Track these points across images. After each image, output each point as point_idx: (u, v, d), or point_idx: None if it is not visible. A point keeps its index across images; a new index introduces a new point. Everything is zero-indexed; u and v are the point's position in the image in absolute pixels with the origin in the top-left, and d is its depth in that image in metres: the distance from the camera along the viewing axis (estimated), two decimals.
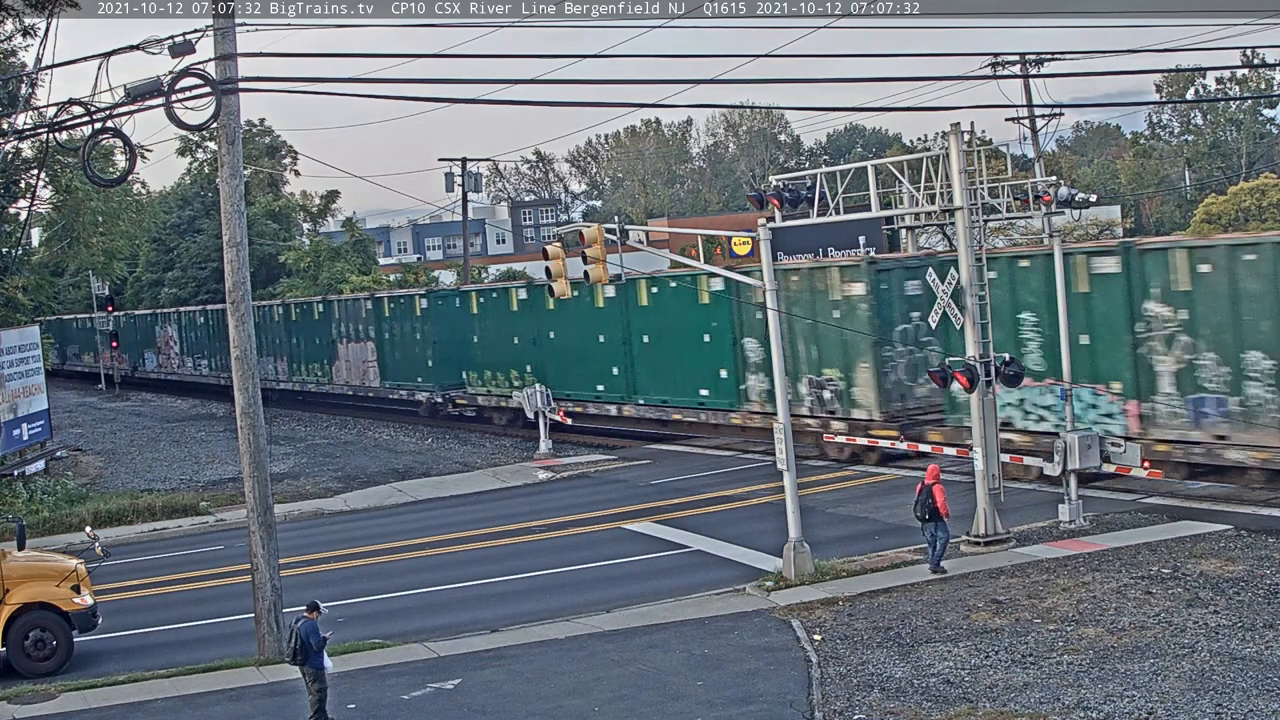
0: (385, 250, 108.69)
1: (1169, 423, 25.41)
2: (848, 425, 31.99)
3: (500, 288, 46.05)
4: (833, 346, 32.04)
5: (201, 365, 64.78)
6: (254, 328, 20.81)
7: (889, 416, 31.03)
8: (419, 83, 21.39)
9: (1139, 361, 25.78)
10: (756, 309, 32.06)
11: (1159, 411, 25.62)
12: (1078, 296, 26.48)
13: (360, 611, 22.40)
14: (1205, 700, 14.73)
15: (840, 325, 31.51)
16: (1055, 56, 47.82)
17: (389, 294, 52.49)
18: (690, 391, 36.36)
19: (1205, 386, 24.70)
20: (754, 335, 33.91)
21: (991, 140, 65.94)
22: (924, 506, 21.42)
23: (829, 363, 32.36)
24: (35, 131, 26.91)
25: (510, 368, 43.61)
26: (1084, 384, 26.27)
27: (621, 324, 38.55)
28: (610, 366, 39.26)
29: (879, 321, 31.13)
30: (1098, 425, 26.12)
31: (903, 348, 31.54)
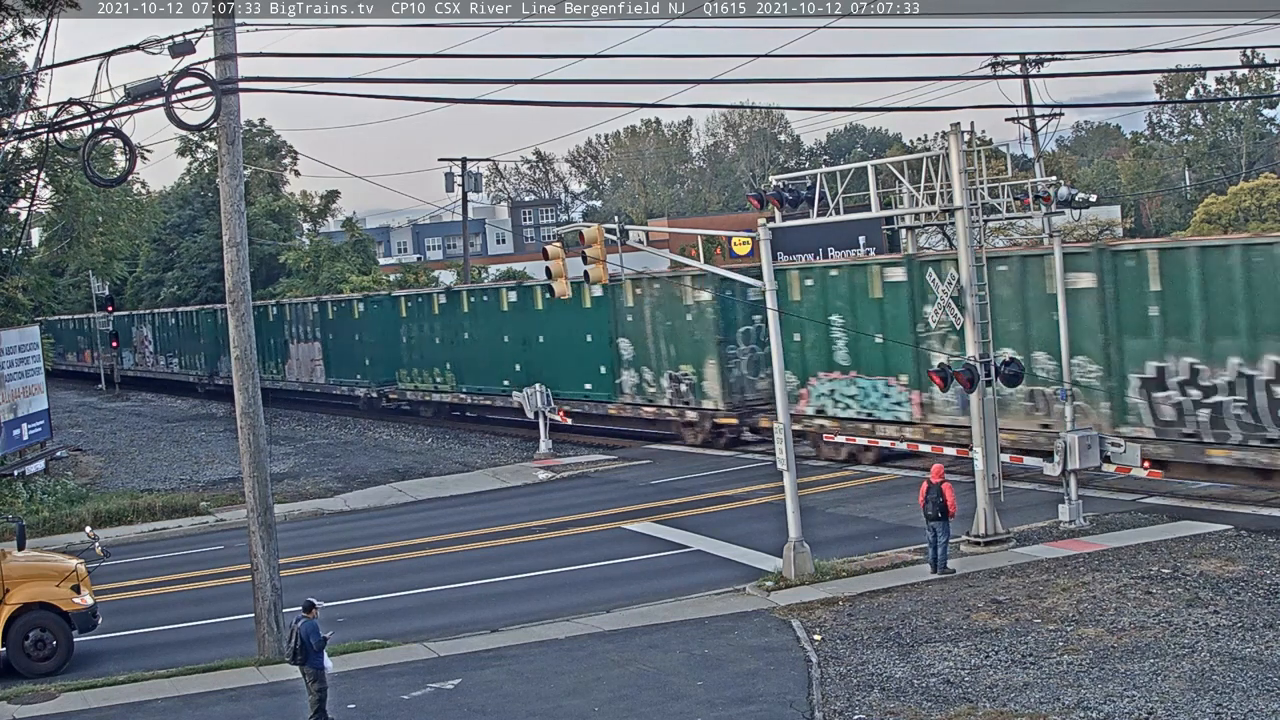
0: (385, 250, 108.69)
1: (943, 410, 29.61)
2: (699, 414, 36.63)
3: (424, 294, 50.15)
4: (687, 345, 36.77)
5: (173, 363, 68.93)
6: (253, 328, 20.80)
7: (731, 406, 35.54)
8: (419, 83, 21.41)
9: (920, 357, 29.33)
10: (627, 313, 38.38)
11: (935, 400, 29.62)
12: (874, 301, 31.02)
13: (360, 611, 22.41)
14: (1205, 700, 14.73)
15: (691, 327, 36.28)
16: (1055, 56, 47.83)
17: (332, 299, 56.37)
18: (578, 385, 40.95)
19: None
20: (627, 336, 38.92)
21: (991, 140, 65.98)
22: (934, 505, 21.40)
23: (684, 359, 37.04)
24: (35, 131, 26.92)
25: (433, 365, 48.30)
26: (880, 376, 31.05)
27: (522, 327, 43.34)
28: (514, 364, 43.61)
29: (724, 324, 35.50)
30: (889, 412, 30.95)
31: (745, 347, 35.81)
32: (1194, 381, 24.85)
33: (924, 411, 30.05)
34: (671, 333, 37.23)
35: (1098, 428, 25.61)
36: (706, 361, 36.10)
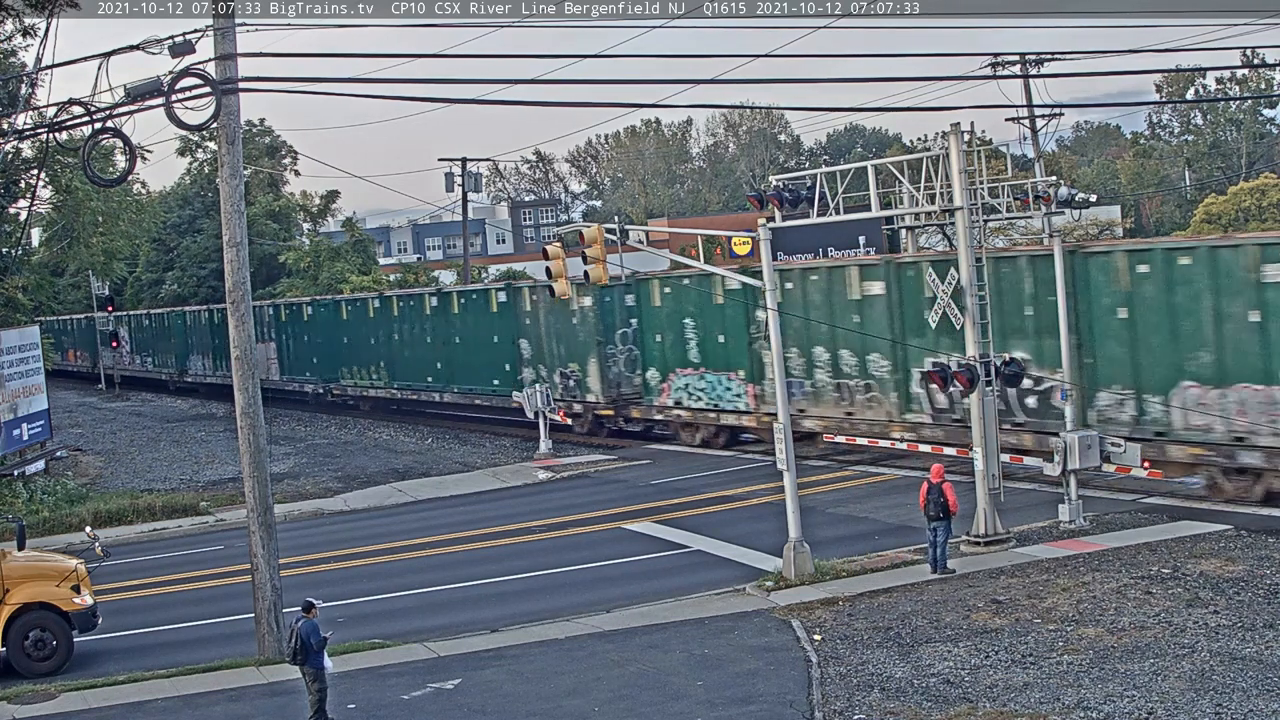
0: (385, 250, 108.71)
1: (771, 401, 30.55)
2: (583, 406, 40.82)
3: (361, 299, 54.32)
4: (574, 345, 40.89)
5: (147, 361, 72.90)
6: (253, 328, 20.81)
7: (610, 399, 39.93)
8: (419, 83, 21.41)
9: (753, 355, 34.31)
10: (526, 316, 42.83)
11: (766, 392, 33.92)
12: (718, 307, 35.75)
13: (360, 611, 22.41)
14: (1205, 700, 14.73)
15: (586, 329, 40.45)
16: (1055, 56, 47.80)
17: (284, 302, 60.89)
18: (488, 381, 45.23)
19: (793, 373, 32.47)
20: (526, 337, 43.28)
21: (991, 140, 65.97)
22: (936, 504, 21.40)
23: (572, 358, 41.14)
24: (35, 131, 26.89)
25: (370, 364, 52.56)
26: (723, 372, 35.91)
27: (442, 329, 47.85)
28: (436, 362, 48.09)
29: (604, 327, 39.87)
30: (730, 402, 35.86)
31: (622, 347, 39.99)
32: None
33: (758, 402, 34.93)
34: (561, 334, 41.37)
35: (888, 415, 31.01)
36: (589, 360, 40.32)
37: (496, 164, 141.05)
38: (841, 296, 32.07)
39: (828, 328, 32.11)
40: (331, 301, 56.17)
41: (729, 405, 35.86)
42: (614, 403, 39.98)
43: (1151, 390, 25.76)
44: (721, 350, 35.83)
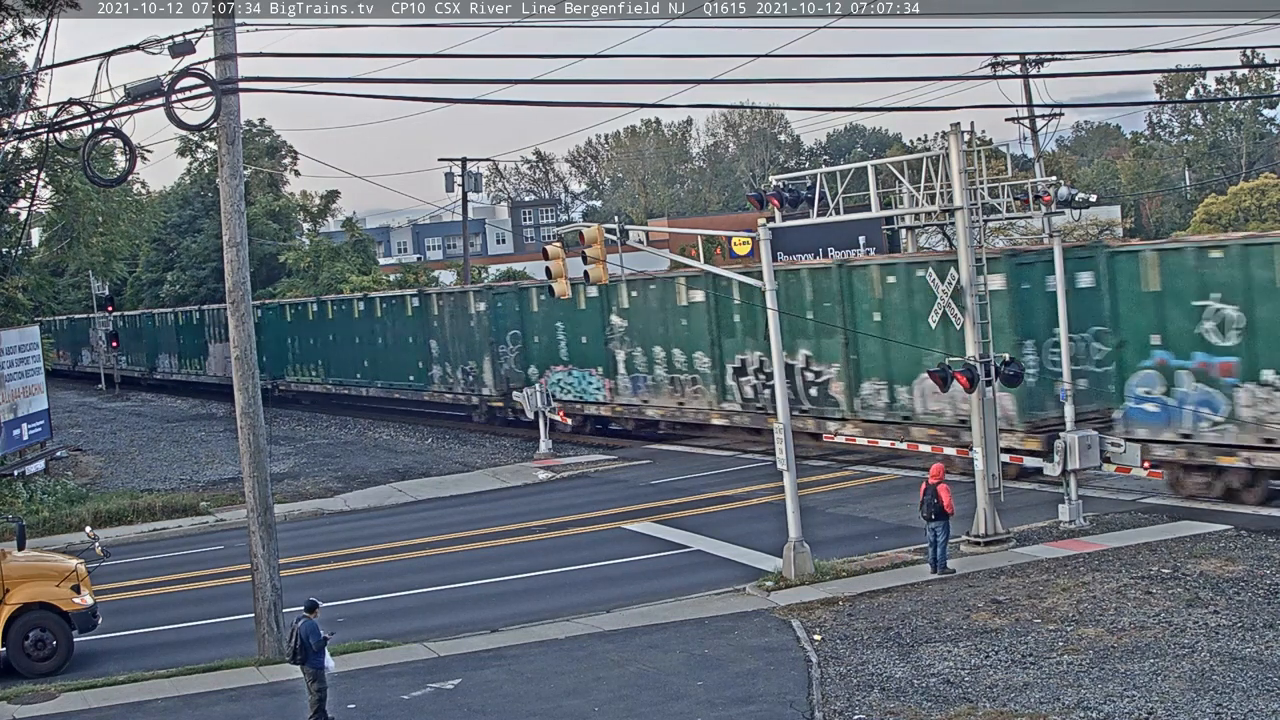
0: (385, 250, 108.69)
1: (623, 393, 39.55)
2: (480, 399, 45.63)
3: (302, 303, 59.26)
4: (472, 345, 45.71)
5: (121, 360, 75.28)
6: (252, 329, 20.87)
7: (501, 393, 44.30)
8: (419, 83, 21.40)
9: (609, 353, 39.55)
10: (435, 320, 47.66)
11: (620, 385, 39.58)
12: (581, 312, 40.58)
13: (360, 611, 22.41)
14: (1205, 700, 14.73)
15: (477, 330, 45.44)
16: (1055, 56, 47.77)
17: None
18: (405, 377, 50.28)
19: (637, 369, 38.63)
20: (434, 338, 47.87)
21: (991, 140, 65.95)
22: (929, 506, 21.43)
23: (470, 356, 45.91)
24: (35, 131, 26.90)
25: (309, 362, 57.79)
26: (587, 368, 40.72)
27: (368, 331, 52.69)
28: (364, 360, 53.14)
29: (496, 329, 44.49)
30: (590, 395, 40.84)
31: (512, 346, 44.33)
32: (761, 369, 34.04)
33: (612, 394, 40.01)
34: (462, 335, 46.24)
35: (709, 404, 36.13)
36: (484, 358, 45.07)
37: (496, 164, 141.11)
38: (672, 304, 37.25)
39: (662, 330, 37.64)
40: (278, 306, 60.98)
41: (591, 397, 40.95)
42: (504, 396, 43.94)
43: (899, 381, 30.32)
44: (584, 349, 40.93)
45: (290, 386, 59.39)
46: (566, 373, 41.95)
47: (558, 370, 42.21)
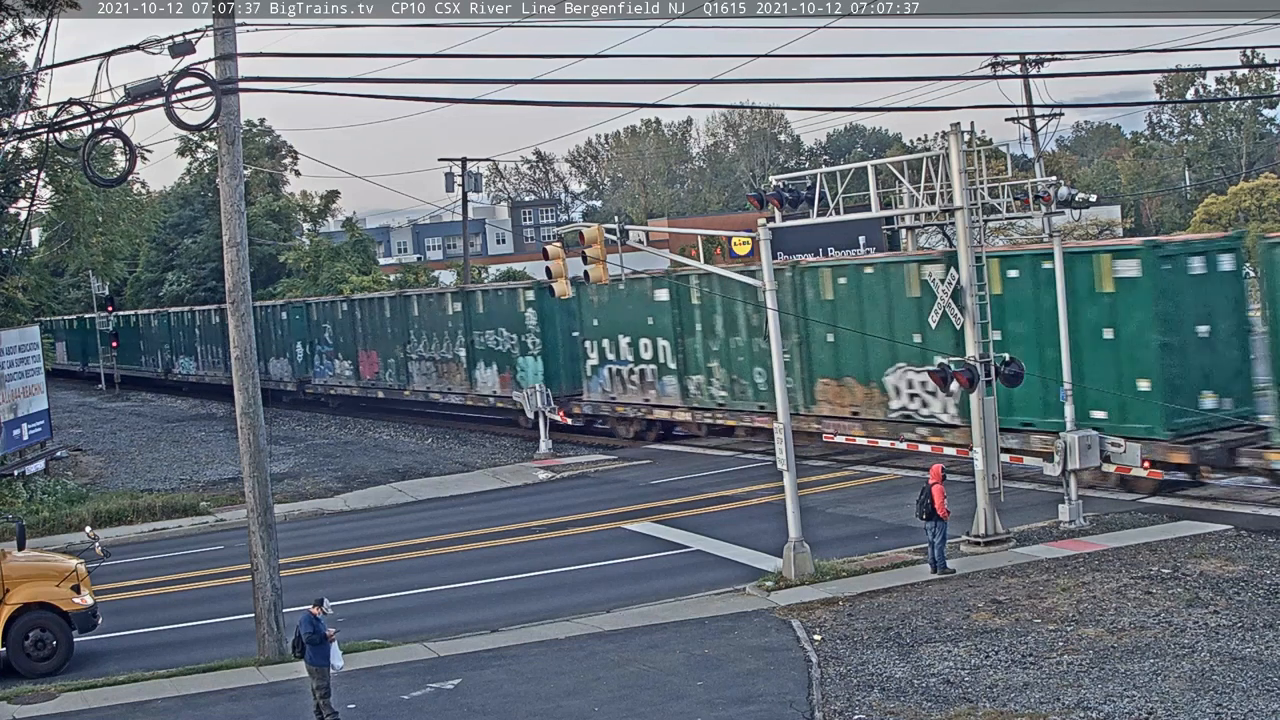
0: (385, 250, 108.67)
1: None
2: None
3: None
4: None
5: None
6: (252, 328, 20.85)
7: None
8: (419, 83, 21.42)
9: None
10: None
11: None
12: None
13: (360, 611, 22.39)
14: (1205, 700, 14.73)
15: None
16: (1055, 56, 47.76)
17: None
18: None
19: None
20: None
21: (991, 140, 65.89)
22: (923, 507, 21.46)
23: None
24: (35, 131, 26.90)
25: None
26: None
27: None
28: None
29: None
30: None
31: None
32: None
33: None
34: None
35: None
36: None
37: (496, 164, 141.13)
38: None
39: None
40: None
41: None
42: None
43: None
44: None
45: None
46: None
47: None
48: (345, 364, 53.21)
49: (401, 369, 49.44)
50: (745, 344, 35.02)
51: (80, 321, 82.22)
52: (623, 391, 39.31)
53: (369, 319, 51.56)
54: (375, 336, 51.10)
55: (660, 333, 37.88)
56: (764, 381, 34.03)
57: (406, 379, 49.28)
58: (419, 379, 48.38)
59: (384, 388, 50.89)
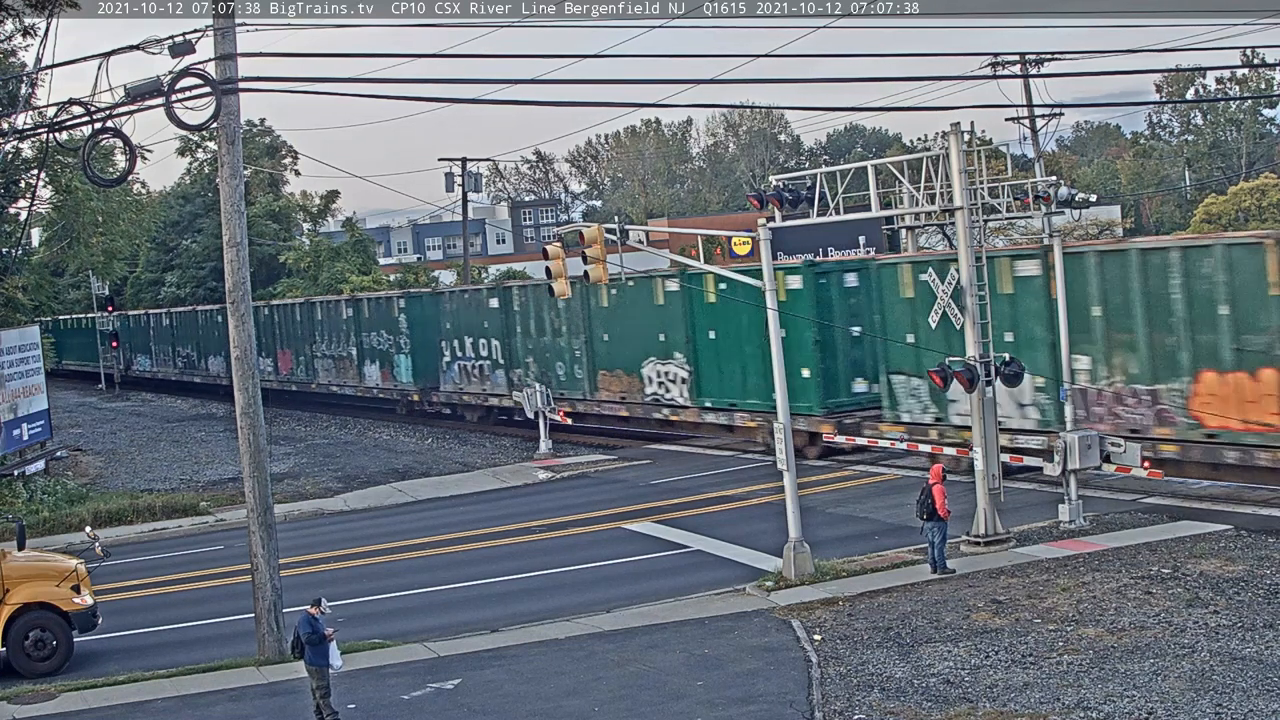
0: (385, 250, 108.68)
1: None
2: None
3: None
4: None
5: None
6: (253, 328, 20.85)
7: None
8: (419, 83, 21.41)
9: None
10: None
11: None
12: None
13: (360, 611, 22.40)
14: (1205, 700, 14.72)
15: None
16: (1055, 56, 47.82)
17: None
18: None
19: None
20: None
21: (991, 140, 65.87)
22: (924, 507, 21.46)
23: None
24: (35, 131, 26.87)
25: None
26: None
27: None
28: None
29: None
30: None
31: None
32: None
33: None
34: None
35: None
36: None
37: (496, 164, 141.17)
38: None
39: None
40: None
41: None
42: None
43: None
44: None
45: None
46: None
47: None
48: (266, 361, 58.11)
49: (309, 365, 56.23)
50: (550, 343, 41.76)
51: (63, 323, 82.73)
52: (468, 383, 46.30)
53: (285, 322, 58.18)
54: (289, 337, 57.89)
55: (493, 334, 44.38)
56: (563, 373, 41.24)
57: (313, 374, 56.06)
58: (322, 374, 54.91)
59: (296, 381, 57.55)
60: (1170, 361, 24.91)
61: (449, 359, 47.08)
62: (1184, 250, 24.76)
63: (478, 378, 45.44)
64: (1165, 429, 25.07)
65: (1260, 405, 23.16)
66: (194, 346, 68.20)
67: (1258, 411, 22.67)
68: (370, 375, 51.91)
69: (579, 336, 40.06)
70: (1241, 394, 23.53)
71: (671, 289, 36.52)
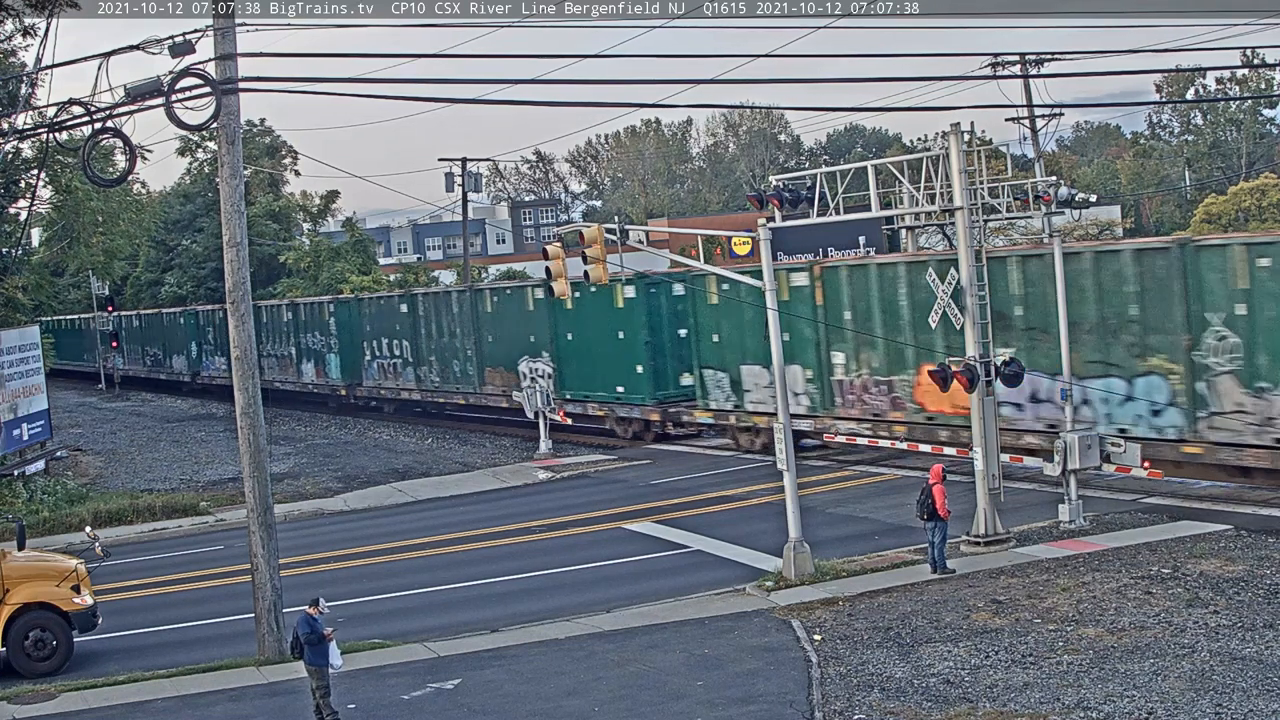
0: (385, 250, 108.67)
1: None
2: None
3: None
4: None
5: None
6: (253, 328, 20.84)
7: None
8: (419, 83, 21.42)
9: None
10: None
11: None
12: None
13: (360, 611, 22.40)
14: (1205, 700, 14.72)
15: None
16: (1055, 56, 47.78)
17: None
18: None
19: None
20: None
21: (991, 140, 65.87)
22: (924, 507, 21.46)
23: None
24: (35, 131, 26.86)
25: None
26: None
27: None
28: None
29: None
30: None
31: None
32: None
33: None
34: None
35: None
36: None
37: (496, 164, 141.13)
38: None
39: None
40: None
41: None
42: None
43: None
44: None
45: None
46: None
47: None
48: (220, 359, 62.73)
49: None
50: (449, 343, 47.05)
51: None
52: (385, 379, 51.96)
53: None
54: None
55: (404, 336, 49.89)
56: (459, 370, 46.68)
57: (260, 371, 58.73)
58: (267, 371, 58.44)
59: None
60: (900, 358, 30.16)
61: (369, 358, 52.90)
62: (909, 265, 29.76)
63: (393, 374, 51.19)
64: (898, 413, 30.42)
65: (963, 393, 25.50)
66: (160, 346, 74.02)
67: (962, 398, 25.68)
68: (306, 372, 57.99)
69: (470, 338, 45.67)
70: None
71: (539, 296, 41.45)
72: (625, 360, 38.62)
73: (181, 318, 70.49)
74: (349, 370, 54.13)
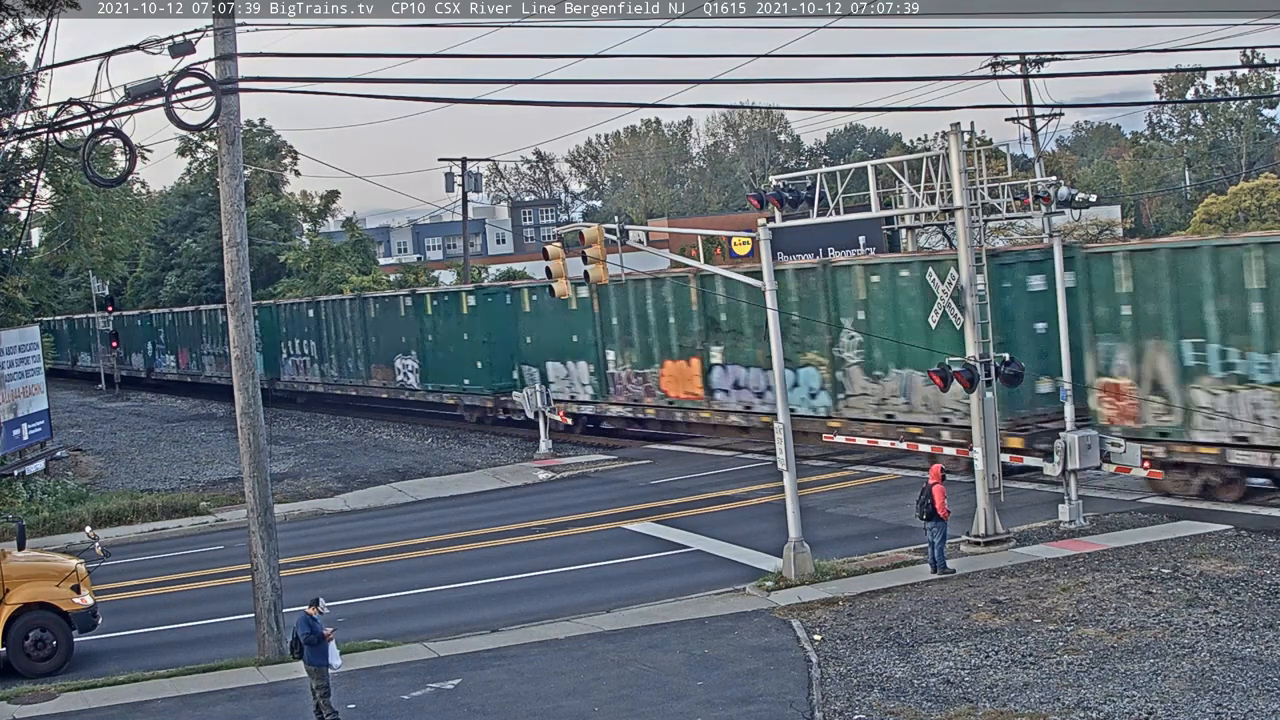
0: (385, 250, 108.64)
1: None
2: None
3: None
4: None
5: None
6: (253, 328, 20.83)
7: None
8: (419, 83, 21.41)
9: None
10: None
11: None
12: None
13: (360, 611, 22.40)
14: (1205, 700, 14.73)
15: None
16: (1055, 56, 47.79)
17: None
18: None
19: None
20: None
21: (991, 140, 65.89)
22: (923, 507, 21.46)
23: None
24: (35, 131, 26.86)
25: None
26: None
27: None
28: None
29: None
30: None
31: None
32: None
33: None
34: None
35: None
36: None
37: (496, 164, 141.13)
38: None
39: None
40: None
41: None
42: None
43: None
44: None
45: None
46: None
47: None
48: (170, 357, 71.24)
49: (199, 361, 67.39)
50: (346, 344, 53.47)
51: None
52: (298, 374, 58.39)
53: (183, 325, 69.58)
54: (186, 338, 69.32)
55: (311, 337, 56.16)
56: (351, 366, 53.09)
57: (202, 368, 67.21)
58: (209, 368, 65.43)
59: (190, 375, 69.01)
60: (649, 354, 37.57)
61: (285, 356, 59.28)
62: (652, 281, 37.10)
63: (304, 370, 57.87)
64: (650, 399, 37.92)
65: (692, 382, 36.27)
66: (124, 345, 78.40)
67: (692, 386, 36.08)
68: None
69: (359, 339, 52.58)
70: (684, 374, 36.52)
71: (409, 304, 49.15)
72: (469, 357, 45.58)
73: (139, 319, 77.68)
74: (270, 366, 59.50)
